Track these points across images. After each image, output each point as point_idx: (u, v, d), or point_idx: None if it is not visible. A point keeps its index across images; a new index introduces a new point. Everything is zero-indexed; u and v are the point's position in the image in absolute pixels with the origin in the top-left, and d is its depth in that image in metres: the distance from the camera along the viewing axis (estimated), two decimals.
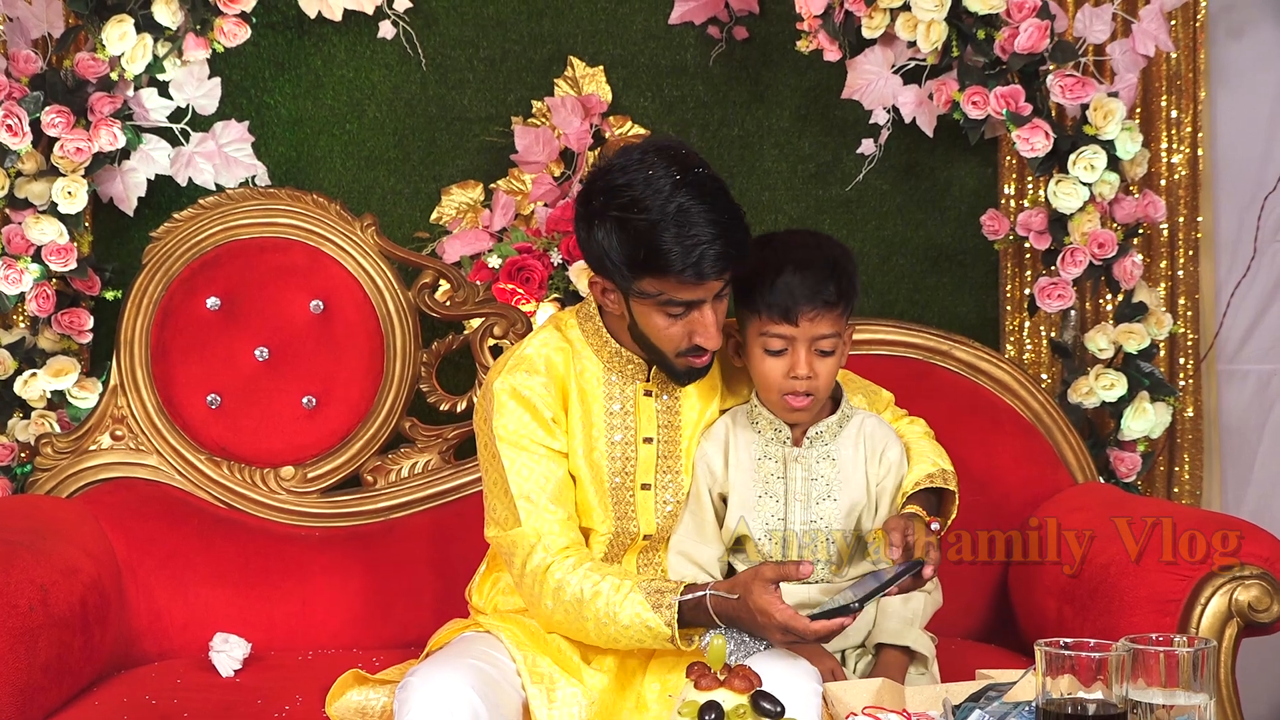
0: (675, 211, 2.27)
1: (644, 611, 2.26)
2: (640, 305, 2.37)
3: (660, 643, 2.28)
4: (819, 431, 2.46)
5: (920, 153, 3.55)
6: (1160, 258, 3.58)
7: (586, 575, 2.32)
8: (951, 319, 3.54)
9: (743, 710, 1.76)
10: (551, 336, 2.50)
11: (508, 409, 2.42)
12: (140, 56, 3.12)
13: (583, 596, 2.31)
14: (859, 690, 2.12)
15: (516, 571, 2.40)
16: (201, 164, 3.30)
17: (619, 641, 2.32)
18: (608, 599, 2.29)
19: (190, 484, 3.07)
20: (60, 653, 2.53)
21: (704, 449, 2.50)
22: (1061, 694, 1.68)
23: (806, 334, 2.37)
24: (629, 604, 2.27)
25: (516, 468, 2.41)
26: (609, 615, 2.28)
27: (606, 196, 2.33)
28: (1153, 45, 3.33)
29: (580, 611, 2.31)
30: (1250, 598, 2.48)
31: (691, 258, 2.27)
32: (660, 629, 2.26)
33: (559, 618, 2.35)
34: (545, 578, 2.34)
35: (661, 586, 2.29)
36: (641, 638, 2.29)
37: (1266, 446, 3.73)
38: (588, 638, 2.35)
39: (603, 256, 2.34)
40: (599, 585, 2.30)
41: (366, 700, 2.47)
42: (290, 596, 2.99)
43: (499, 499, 2.43)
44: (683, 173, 2.31)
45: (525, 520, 2.38)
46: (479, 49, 3.51)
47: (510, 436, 2.42)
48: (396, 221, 3.45)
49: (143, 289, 3.08)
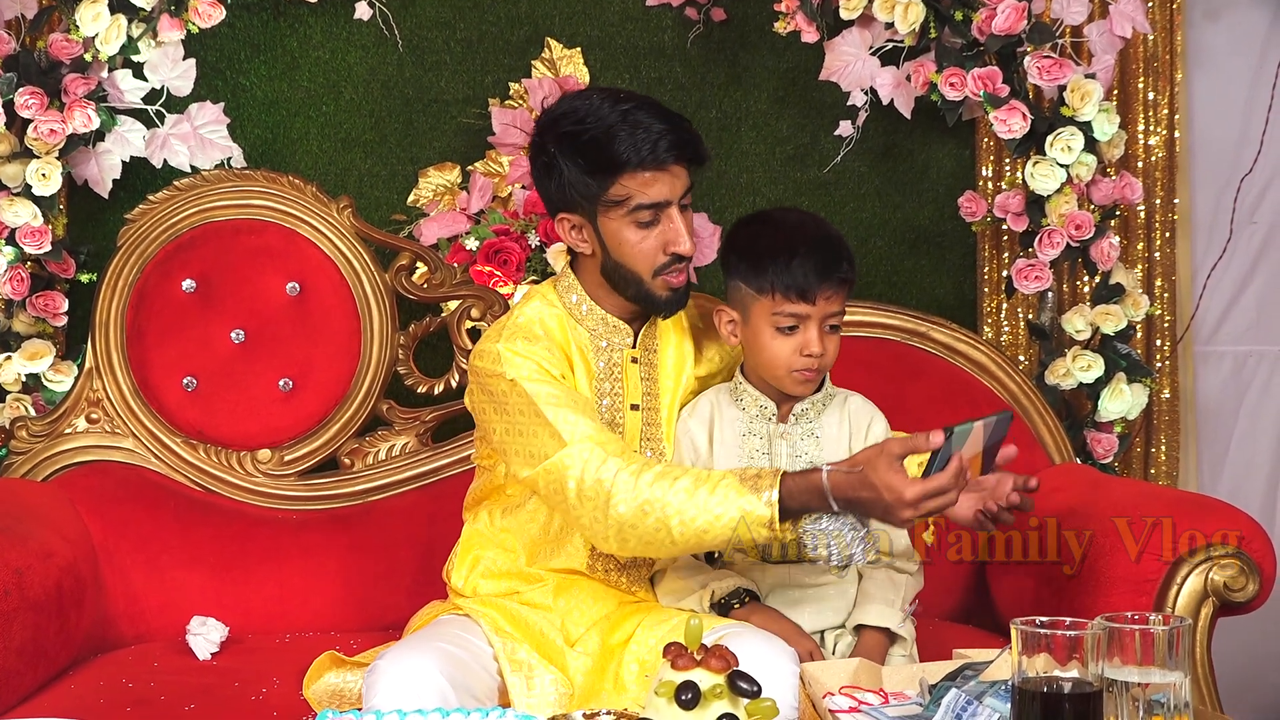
0: (622, 115, 2.35)
1: (738, 496, 2.16)
2: (610, 224, 2.38)
3: (758, 529, 2.17)
4: (804, 409, 2.48)
5: (898, 134, 3.55)
6: (1137, 239, 3.59)
7: (663, 474, 2.22)
8: (929, 300, 3.55)
9: (719, 690, 1.76)
10: (542, 303, 2.50)
11: (515, 361, 2.36)
12: (114, 37, 3.10)
13: (663, 496, 2.19)
14: (836, 670, 2.12)
15: (574, 492, 2.26)
16: (177, 146, 3.28)
17: (707, 537, 2.19)
18: (692, 490, 2.18)
19: (166, 467, 3.06)
20: (35, 636, 2.52)
21: (688, 425, 2.51)
22: (1037, 672, 1.68)
23: (821, 312, 2.40)
24: (721, 491, 2.18)
25: (544, 394, 2.32)
26: (701, 505, 2.17)
27: (554, 126, 2.39)
28: (1130, 27, 3.33)
29: (662, 511, 2.19)
30: (1226, 577, 2.49)
31: (647, 145, 2.32)
32: (759, 511, 2.16)
33: (633, 523, 2.21)
34: (616, 482, 2.22)
35: (759, 471, 2.20)
36: (736, 528, 2.17)
37: (1242, 427, 3.75)
38: (670, 542, 2.22)
39: (565, 184, 2.38)
40: (680, 481, 2.20)
41: (343, 682, 2.47)
42: (268, 579, 2.99)
43: (525, 437, 2.33)
44: (620, 95, 2.40)
45: (573, 437, 2.27)
46: (456, 30, 3.49)
47: (530, 371, 2.34)
48: (373, 204, 3.44)
49: (118, 271, 3.06)
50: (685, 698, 1.75)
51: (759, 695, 1.77)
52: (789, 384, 2.45)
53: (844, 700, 2.03)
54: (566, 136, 2.36)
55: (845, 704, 2.02)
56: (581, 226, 2.42)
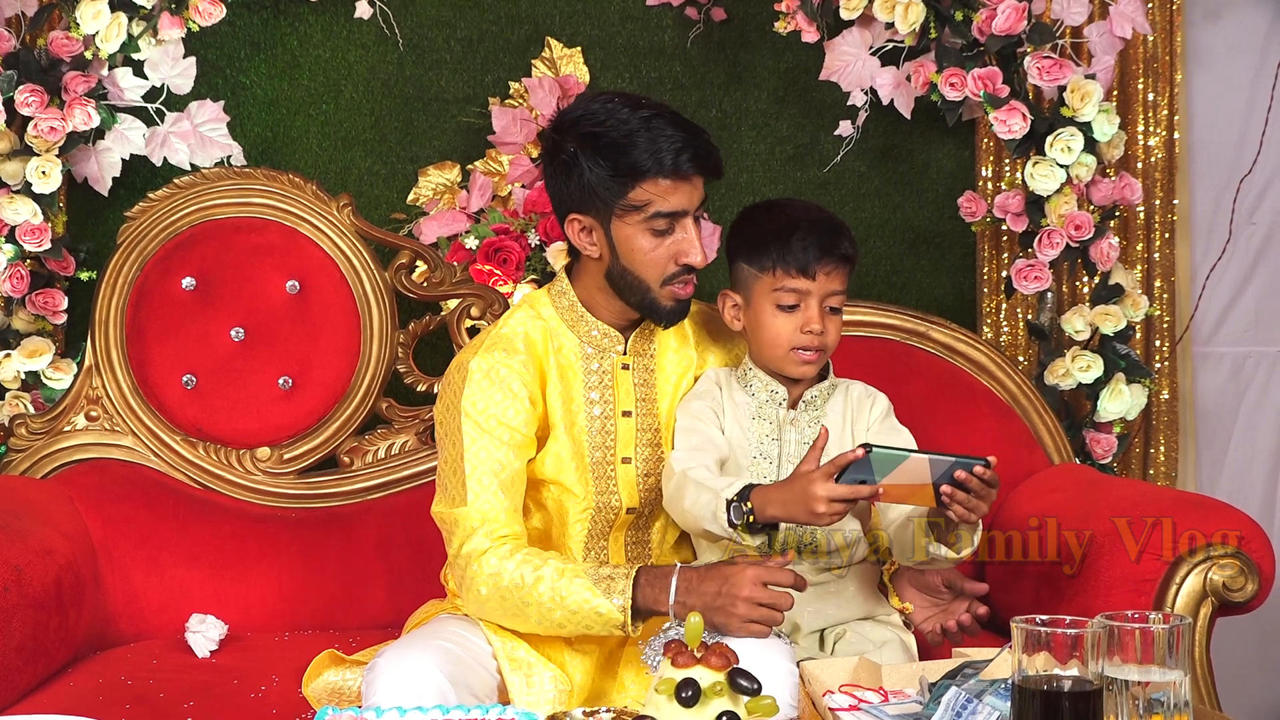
0: (642, 122, 2.35)
1: (592, 597, 2.24)
2: (624, 229, 2.38)
3: (609, 629, 2.26)
4: (813, 396, 2.50)
5: (898, 135, 3.56)
6: (1136, 240, 3.59)
7: (526, 560, 2.29)
8: (929, 300, 3.55)
9: (719, 687, 1.76)
10: (527, 314, 2.50)
11: (480, 387, 2.40)
12: (114, 35, 3.10)
13: (523, 582, 2.27)
14: (835, 668, 2.13)
15: (453, 552, 2.36)
16: (177, 144, 3.28)
17: (564, 628, 2.29)
18: (551, 585, 2.26)
19: (166, 465, 3.06)
20: (35, 634, 2.52)
21: (690, 407, 2.49)
22: (1037, 671, 1.68)
23: (821, 289, 2.42)
24: (575, 590, 2.25)
25: (475, 448, 2.37)
26: (555, 600, 2.25)
27: (575, 128, 2.38)
28: (1130, 27, 3.33)
29: (520, 597, 2.27)
30: (1225, 577, 2.50)
31: (668, 154, 2.33)
32: (612, 614, 2.24)
33: (493, 604, 2.30)
34: (481, 562, 2.30)
35: (611, 573, 2.27)
36: (589, 623, 2.26)
37: (1241, 428, 3.75)
38: (528, 625, 2.31)
39: (583, 186, 2.37)
40: (540, 570, 2.27)
41: (343, 680, 2.47)
42: (266, 578, 2.99)
43: (451, 474, 2.40)
44: (640, 101, 2.40)
45: (472, 501, 2.34)
46: (456, 29, 3.49)
47: (476, 414, 2.39)
48: (373, 202, 3.44)
49: (117, 269, 3.06)
50: (685, 695, 1.75)
51: (759, 693, 1.78)
52: (790, 364, 2.46)
53: (843, 698, 2.04)
54: (588, 137, 2.36)
55: (845, 702, 2.02)
56: (592, 229, 2.41)
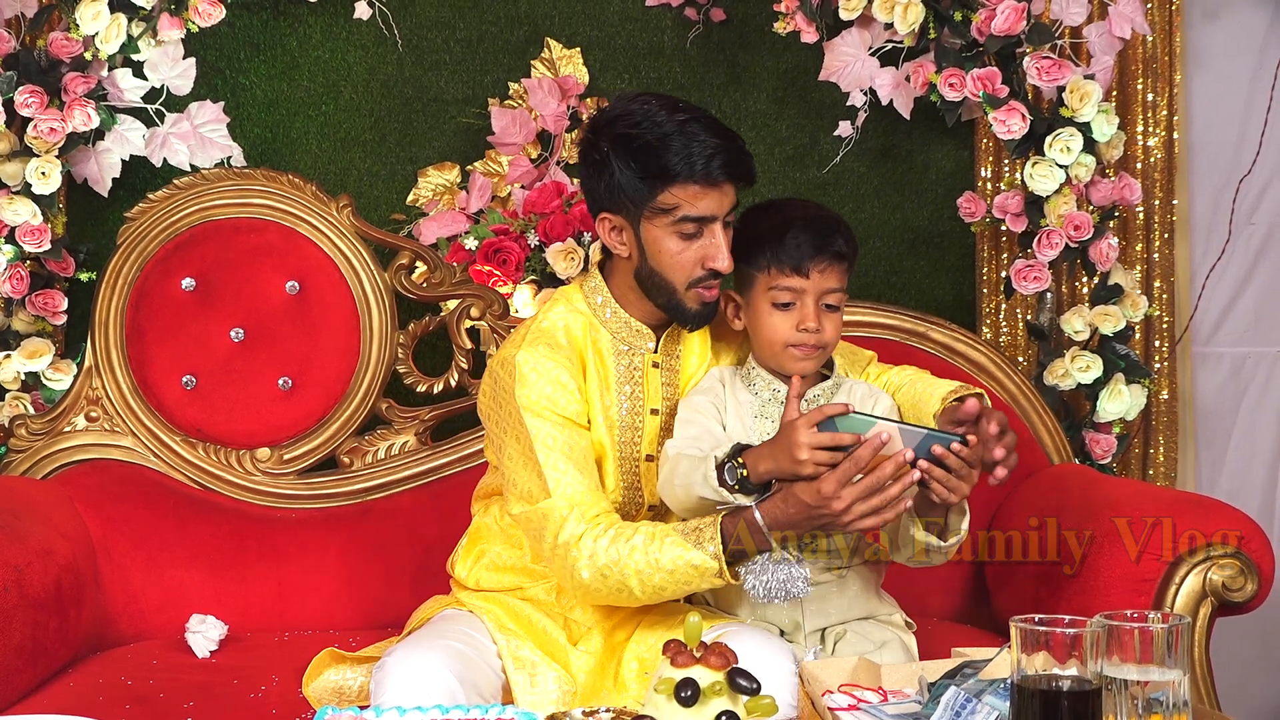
0: (678, 126, 2.35)
1: (684, 551, 2.25)
2: (653, 231, 2.38)
3: (708, 579, 2.26)
4: (816, 395, 2.48)
5: (897, 135, 3.56)
6: (1136, 240, 3.59)
7: (618, 534, 2.28)
8: (928, 301, 3.55)
9: (719, 687, 1.76)
10: (566, 308, 2.49)
11: (530, 379, 2.38)
12: (114, 36, 3.10)
13: (619, 556, 2.26)
14: (835, 668, 2.13)
15: (548, 546, 2.32)
16: (176, 145, 3.29)
17: (665, 591, 2.28)
18: (645, 551, 2.26)
19: (166, 465, 3.06)
20: (35, 634, 2.52)
21: (692, 401, 2.49)
22: (1036, 670, 1.68)
23: (816, 287, 2.41)
24: (667, 549, 2.25)
25: (542, 436, 2.36)
26: (651, 565, 2.25)
27: (610, 128, 2.39)
28: (1129, 28, 3.33)
29: (620, 570, 2.26)
30: (1224, 577, 2.50)
31: (701, 160, 2.33)
32: (706, 563, 2.24)
33: (596, 585, 2.29)
34: (578, 548, 2.28)
35: (698, 524, 2.27)
36: (688, 578, 2.26)
37: (1240, 428, 3.75)
38: (634, 598, 2.30)
39: (613, 186, 2.37)
40: (632, 540, 2.27)
41: (344, 679, 2.47)
42: (266, 578, 2.99)
43: (523, 471, 2.37)
44: (678, 105, 2.40)
45: (555, 489, 2.32)
46: (455, 30, 3.50)
47: (534, 406, 2.37)
48: (373, 203, 3.44)
49: (117, 270, 3.06)
50: (685, 695, 1.75)
51: (758, 692, 1.78)
52: (788, 361, 2.45)
53: (843, 698, 2.03)
54: (621, 139, 2.36)
55: (844, 702, 2.02)
56: (622, 229, 2.41)
